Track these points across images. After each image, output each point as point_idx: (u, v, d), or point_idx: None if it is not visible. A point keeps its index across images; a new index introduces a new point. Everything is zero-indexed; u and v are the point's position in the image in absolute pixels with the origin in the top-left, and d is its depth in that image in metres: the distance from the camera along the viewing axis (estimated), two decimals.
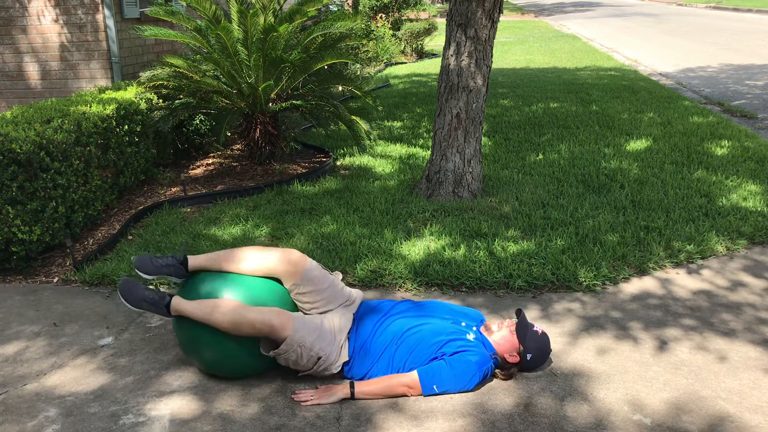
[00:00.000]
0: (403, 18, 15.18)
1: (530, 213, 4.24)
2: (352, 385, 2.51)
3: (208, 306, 2.48)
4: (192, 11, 6.99)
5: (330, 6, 11.60)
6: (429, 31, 14.50)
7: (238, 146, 6.24)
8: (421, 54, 14.48)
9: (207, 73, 5.06)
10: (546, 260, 3.55)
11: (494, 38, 4.36)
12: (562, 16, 25.32)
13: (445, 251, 3.68)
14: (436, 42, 16.74)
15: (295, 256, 2.63)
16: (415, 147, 6.06)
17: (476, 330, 2.68)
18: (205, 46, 4.93)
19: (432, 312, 2.73)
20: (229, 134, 6.29)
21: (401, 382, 2.50)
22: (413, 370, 2.52)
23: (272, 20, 4.87)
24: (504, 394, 2.52)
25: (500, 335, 2.64)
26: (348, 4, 14.32)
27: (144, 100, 5.08)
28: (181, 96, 5.25)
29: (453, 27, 4.34)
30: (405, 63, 13.42)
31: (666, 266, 3.60)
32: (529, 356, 2.60)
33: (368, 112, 6.68)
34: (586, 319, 3.07)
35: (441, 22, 18.65)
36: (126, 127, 4.68)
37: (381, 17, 14.09)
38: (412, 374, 2.50)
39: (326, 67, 5.28)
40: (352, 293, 2.80)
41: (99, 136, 4.33)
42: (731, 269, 3.56)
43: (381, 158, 5.72)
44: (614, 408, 2.43)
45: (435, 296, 3.32)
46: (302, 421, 2.38)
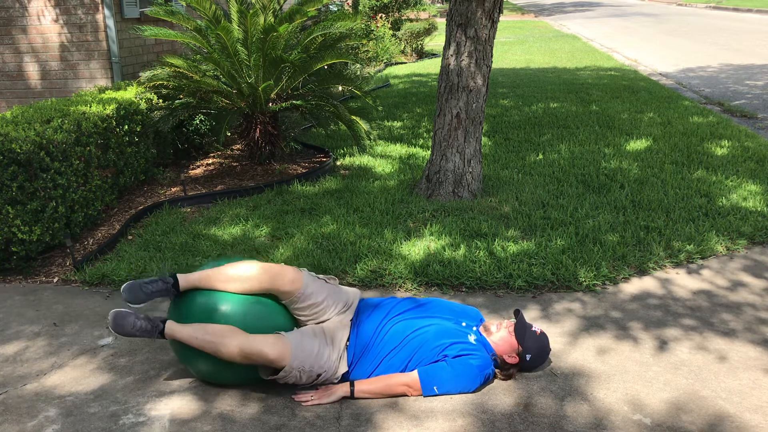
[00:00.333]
0: (403, 18, 15.17)
1: (530, 213, 4.24)
2: (352, 384, 2.51)
3: (206, 333, 2.43)
4: (192, 11, 6.99)
5: (330, 6, 11.60)
6: (429, 31, 14.50)
7: (238, 146, 6.24)
8: (421, 54, 14.48)
9: (207, 73, 5.06)
10: (546, 260, 3.55)
11: (494, 38, 4.36)
12: (562, 16, 25.32)
13: (445, 251, 3.68)
14: (436, 42, 16.74)
15: (290, 277, 2.54)
16: (415, 147, 6.06)
17: (476, 330, 2.67)
18: (205, 46, 4.93)
19: (433, 312, 2.71)
20: (229, 134, 6.29)
21: (401, 382, 2.50)
22: (414, 370, 2.52)
23: (272, 20, 4.87)
24: (504, 394, 2.52)
25: (499, 336, 2.63)
26: (348, 4, 14.31)
27: (144, 100, 5.08)
28: (181, 96, 5.25)
29: (453, 27, 4.34)
30: (405, 63, 13.42)
31: (666, 266, 3.60)
32: (529, 356, 2.60)
33: (368, 112, 6.69)
34: (586, 319, 3.07)
35: (441, 22, 18.64)
36: (126, 127, 4.68)
37: (381, 17, 14.09)
38: (413, 374, 2.50)
39: (326, 67, 5.28)
40: (349, 296, 2.74)
41: (99, 136, 4.33)
42: (731, 269, 3.56)
43: (381, 158, 5.72)
44: (614, 408, 2.43)
45: (435, 296, 3.31)
46: (302, 421, 2.38)
